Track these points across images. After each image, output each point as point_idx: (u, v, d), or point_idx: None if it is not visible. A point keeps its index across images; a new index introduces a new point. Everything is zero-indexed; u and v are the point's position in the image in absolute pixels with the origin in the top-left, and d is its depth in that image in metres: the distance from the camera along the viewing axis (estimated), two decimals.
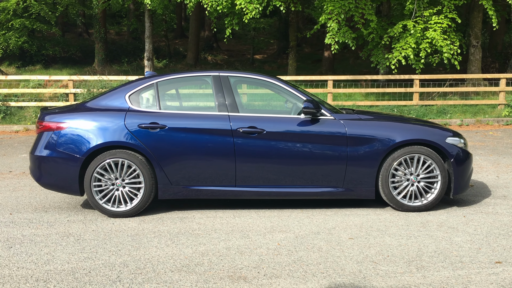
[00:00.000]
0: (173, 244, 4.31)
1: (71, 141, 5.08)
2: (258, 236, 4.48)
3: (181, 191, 5.17)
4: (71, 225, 4.90)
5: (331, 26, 13.18)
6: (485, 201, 5.56)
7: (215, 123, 5.12)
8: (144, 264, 3.86)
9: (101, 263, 3.89)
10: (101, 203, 5.10)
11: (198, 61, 22.71)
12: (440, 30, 13.24)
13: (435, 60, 13.92)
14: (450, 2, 13.74)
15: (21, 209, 5.51)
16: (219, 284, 3.48)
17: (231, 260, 3.91)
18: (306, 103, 5.06)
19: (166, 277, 3.60)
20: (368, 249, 4.10)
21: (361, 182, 5.13)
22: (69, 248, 4.23)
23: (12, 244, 4.34)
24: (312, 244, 4.25)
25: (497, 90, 14.15)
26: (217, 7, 14.16)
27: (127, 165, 5.07)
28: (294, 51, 16.91)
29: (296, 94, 5.33)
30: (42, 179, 5.25)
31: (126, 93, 5.31)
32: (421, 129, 5.22)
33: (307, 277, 3.57)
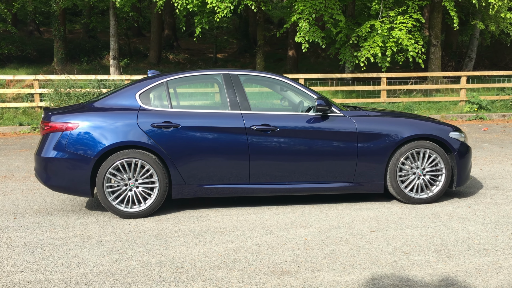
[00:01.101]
0: (201, 242, 4.31)
1: (83, 142, 4.97)
2: (282, 232, 4.55)
3: (196, 190, 5.16)
4: (85, 227, 4.79)
5: (302, 25, 13.40)
6: (481, 192, 5.87)
7: (228, 121, 5.15)
8: (180, 263, 3.85)
9: (136, 264, 3.84)
10: (114, 204, 5.01)
11: (161, 60, 22.44)
12: (405, 30, 13.74)
13: (400, 59, 14.44)
14: (415, 3, 14.29)
15: (24, 213, 5.32)
16: (264, 279, 3.52)
17: (266, 256, 3.96)
18: (319, 100, 5.18)
19: (209, 275, 3.61)
20: (393, 241, 4.25)
21: (371, 176, 5.30)
22: (95, 250, 4.15)
23: (33, 249, 4.21)
24: (338, 237, 4.37)
25: (458, 87, 14.83)
26: (187, 6, 14.08)
27: (140, 165, 5.00)
28: (262, 50, 17.04)
29: (306, 92, 5.43)
30: (50, 181, 5.10)
31: (136, 92, 5.23)
32: (426, 124, 5.45)
33: (347, 269, 3.67)
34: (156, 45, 21.91)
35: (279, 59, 24.11)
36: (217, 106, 5.59)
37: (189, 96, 5.83)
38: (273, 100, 8.47)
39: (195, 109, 5.30)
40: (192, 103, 5.92)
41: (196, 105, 5.89)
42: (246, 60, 23.93)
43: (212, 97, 10.31)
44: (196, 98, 11.19)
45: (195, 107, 5.59)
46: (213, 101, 5.59)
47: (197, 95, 11.36)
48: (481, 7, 15.12)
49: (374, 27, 13.88)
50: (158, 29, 21.76)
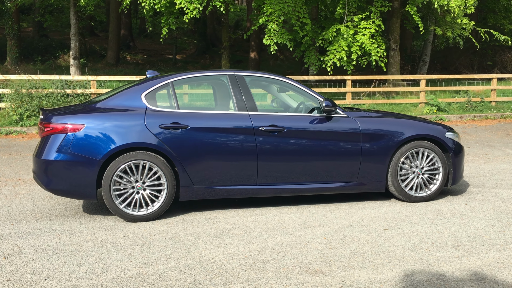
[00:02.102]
0: (221, 244, 4.27)
1: (89, 143, 4.80)
2: (299, 232, 4.58)
3: (204, 191, 5.10)
4: (94, 232, 4.63)
5: (271, 27, 13.50)
6: (470, 190, 6.14)
7: (236, 122, 5.12)
8: (210, 265, 3.80)
9: (164, 268, 3.76)
10: (122, 207, 4.87)
11: (119, 61, 21.93)
12: (368, 34, 14.15)
13: (364, 62, 14.84)
14: (377, 9, 14.73)
15: (19, 219, 5.08)
16: (301, 279, 3.54)
17: (293, 256, 3.98)
18: (326, 101, 5.26)
19: (244, 276, 3.59)
20: (410, 238, 4.38)
21: (373, 176, 5.44)
22: (114, 255, 4.02)
23: (47, 255, 4.02)
24: (356, 236, 4.45)
25: (418, 90, 15.41)
26: (154, 6, 13.85)
27: (148, 167, 4.89)
28: (227, 52, 17.02)
29: (310, 93, 5.50)
30: (52, 184, 4.89)
31: (142, 92, 5.11)
32: (424, 125, 5.65)
33: (377, 267, 3.75)
34: (114, 45, 21.42)
35: (238, 61, 24.16)
36: (223, 106, 5.53)
37: (195, 97, 5.74)
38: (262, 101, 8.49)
39: (201, 110, 5.25)
40: (199, 104, 5.83)
41: (202, 106, 5.81)
42: (206, 62, 23.81)
43: (217, 97, 10.12)
44: (202, 99, 10.94)
45: (201, 107, 5.53)
46: (218, 102, 5.52)
47: (202, 96, 11.10)
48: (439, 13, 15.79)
49: (340, 32, 14.19)
50: (116, 29, 21.27)
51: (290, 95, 6.15)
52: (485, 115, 14.64)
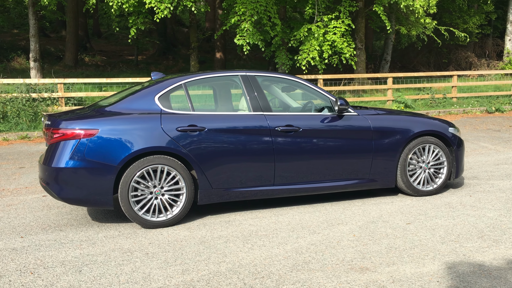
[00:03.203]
0: (255, 246, 4.22)
1: (104, 149, 4.62)
2: (326, 231, 4.60)
3: (222, 194, 5.03)
4: (116, 240, 4.47)
5: (245, 27, 13.49)
6: (467, 183, 6.37)
7: (253, 123, 5.08)
8: (253, 268, 3.75)
9: (208, 273, 3.68)
10: (141, 214, 4.73)
11: (78, 63, 21.24)
12: (339, 33, 14.41)
13: (334, 61, 15.09)
14: (346, 9, 15.01)
15: (26, 231, 4.83)
16: (351, 277, 3.56)
17: (332, 254, 3.99)
18: (341, 100, 5.30)
19: (293, 277, 3.57)
20: (434, 231, 4.49)
21: (384, 172, 5.54)
22: (149, 263, 3.89)
23: (77, 267, 3.85)
24: (383, 232, 4.52)
25: (386, 87, 15.82)
26: (122, 5, 13.52)
27: (166, 171, 4.77)
28: (196, 52, 16.85)
29: (321, 92, 5.53)
30: (64, 193, 4.67)
31: (155, 94, 4.98)
32: (430, 121, 5.80)
33: (418, 260, 3.83)
34: (72, 47, 20.74)
35: (201, 61, 23.94)
36: (237, 107, 5.47)
37: (209, 98, 5.63)
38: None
39: (216, 111, 5.17)
40: (212, 105, 5.73)
41: (217, 107, 5.72)
42: (170, 63, 23.47)
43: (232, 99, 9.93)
44: (211, 100, 10.55)
45: (215, 109, 5.44)
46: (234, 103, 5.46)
47: (209, 97, 10.68)
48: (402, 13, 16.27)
49: (311, 31, 14.36)
50: (74, 30, 20.59)
51: (290, 95, 6.17)
52: (449, 110, 15.21)
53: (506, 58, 21.23)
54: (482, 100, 16.69)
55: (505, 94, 17.07)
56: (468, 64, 21.65)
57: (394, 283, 3.44)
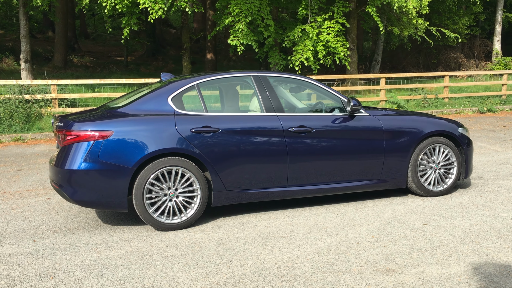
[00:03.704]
0: (275, 248, 4.18)
1: (119, 151, 4.54)
2: (343, 232, 4.58)
3: (236, 196, 4.98)
4: (132, 243, 4.39)
5: (239, 28, 13.44)
6: (474, 183, 6.40)
7: (266, 123, 5.04)
8: (278, 270, 3.71)
9: (233, 276, 3.63)
10: (155, 216, 4.65)
11: (67, 64, 20.98)
12: (333, 33, 14.44)
13: (328, 62, 15.12)
14: (339, 9, 15.05)
15: (38, 234, 4.73)
16: (378, 278, 3.54)
17: (355, 256, 3.97)
18: (354, 100, 5.29)
19: (321, 280, 3.53)
20: (453, 232, 4.50)
21: (395, 172, 5.53)
22: (171, 267, 3.83)
23: (98, 271, 3.77)
24: (402, 233, 4.51)
25: (378, 88, 15.89)
26: (115, 6, 13.38)
27: (181, 173, 4.71)
28: (188, 53, 16.75)
29: (332, 92, 5.52)
30: (78, 195, 4.58)
31: (168, 95, 4.91)
32: (440, 122, 5.81)
33: (442, 261, 3.82)
34: (61, 48, 20.46)
35: (192, 62, 23.79)
36: (249, 108, 5.42)
37: (222, 99, 5.57)
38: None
39: (229, 112, 5.12)
40: (225, 106, 5.67)
41: (229, 108, 5.66)
42: (159, 64, 23.29)
43: (243, 99, 9.94)
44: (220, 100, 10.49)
45: (228, 109, 5.39)
46: (242, 103, 5.40)
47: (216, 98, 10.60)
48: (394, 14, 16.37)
49: (305, 31, 14.37)
50: (63, 30, 20.32)
51: (297, 95, 6.14)
52: (441, 111, 15.33)
53: (494, 58, 21.50)
54: (473, 100, 16.86)
55: (496, 94, 17.28)
56: (457, 64, 21.88)
57: (423, 285, 3.42)
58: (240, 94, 6.07)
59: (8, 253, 4.23)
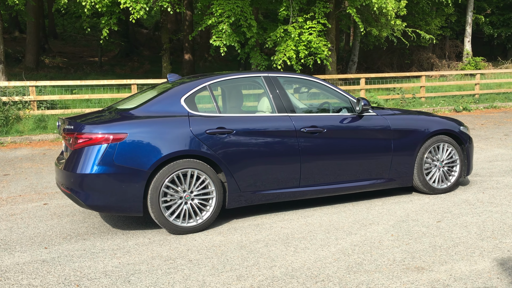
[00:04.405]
0: (298, 249, 4.16)
1: (134, 153, 4.44)
2: (361, 231, 4.60)
3: (250, 197, 4.93)
4: (151, 248, 4.29)
5: (223, 28, 13.36)
6: (472, 180, 6.54)
7: (279, 124, 5.02)
8: (308, 271, 3.69)
9: (265, 278, 3.59)
10: (171, 220, 4.56)
11: (39, 64, 20.42)
12: (315, 33, 14.54)
13: (310, 62, 15.20)
14: (320, 10, 15.17)
15: (47, 241, 4.58)
16: (411, 277, 3.56)
17: (381, 254, 3.98)
18: (364, 100, 5.33)
19: (354, 280, 3.53)
20: (468, 228, 4.58)
21: (402, 171, 5.60)
22: (199, 271, 3.76)
23: (124, 277, 3.66)
24: (419, 231, 4.56)
25: (359, 88, 16.09)
26: (95, 5, 13.10)
27: (196, 175, 4.63)
28: (168, 54, 16.56)
29: (340, 92, 5.54)
30: (91, 200, 4.45)
31: (181, 97, 4.83)
32: (444, 120, 5.91)
33: (467, 258, 3.88)
34: (33, 48, 19.92)
35: None
36: (258, 109, 5.38)
37: (233, 100, 5.50)
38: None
39: (241, 113, 5.07)
40: (237, 107, 5.60)
41: (241, 108, 5.60)
42: (134, 64, 22.95)
43: (250, 99, 9.84)
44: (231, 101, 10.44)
45: (240, 110, 5.33)
46: (252, 103, 5.34)
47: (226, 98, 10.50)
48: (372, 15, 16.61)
49: (288, 32, 14.41)
50: (35, 31, 19.78)
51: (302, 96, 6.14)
52: (420, 110, 15.65)
53: (465, 59, 22.09)
54: (448, 99, 17.28)
55: (469, 93, 17.75)
56: (430, 65, 22.37)
57: (456, 281, 3.46)
58: (243, 94, 6.02)
59: (22, 262, 4.07)
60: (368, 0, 14.46)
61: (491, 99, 17.48)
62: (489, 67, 22.04)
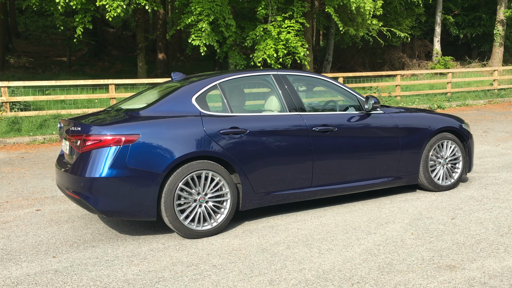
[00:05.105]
0: (322, 250, 4.06)
1: (147, 155, 4.24)
2: (380, 230, 4.54)
3: (263, 198, 4.81)
4: (169, 253, 4.11)
5: (202, 27, 13.16)
6: (470, 177, 6.60)
7: (292, 123, 4.92)
8: (341, 273, 3.59)
9: (297, 282, 3.47)
10: (186, 223, 4.39)
11: (5, 64, 19.64)
12: (294, 32, 14.52)
13: (289, 62, 15.18)
14: (299, 9, 15.16)
15: (54, 249, 4.33)
16: (446, 275, 3.51)
17: (408, 254, 3.93)
18: (374, 98, 5.28)
19: (389, 280, 3.46)
20: (484, 225, 4.59)
21: (409, 169, 5.59)
22: (226, 276, 3.61)
23: (150, 286, 3.48)
24: (437, 228, 4.53)
25: None
26: (70, 3, 12.66)
27: (211, 177, 4.47)
28: (143, 53, 16.19)
29: (348, 91, 5.49)
30: (102, 205, 4.22)
31: (192, 96, 4.66)
32: (447, 118, 5.94)
33: (494, 255, 3.87)
34: None
35: None
36: (266, 107, 5.25)
37: (243, 99, 5.34)
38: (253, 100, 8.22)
39: (253, 112, 4.94)
40: (246, 106, 5.45)
41: (252, 107, 5.45)
42: (105, 64, 22.37)
43: (257, 98, 9.63)
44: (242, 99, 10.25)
45: (251, 109, 5.19)
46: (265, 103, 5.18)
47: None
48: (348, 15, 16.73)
49: (267, 30, 14.33)
50: (1, 30, 18.97)
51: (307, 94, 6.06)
52: (418, 108, 15.87)
53: (435, 58, 22.56)
54: (422, 98, 17.58)
55: (442, 92, 18.12)
56: (401, 64, 22.75)
57: (492, 279, 3.44)
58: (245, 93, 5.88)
59: (33, 272, 3.82)
60: (346, 0, 14.54)
61: (462, 97, 17.89)
62: (458, 66, 22.60)
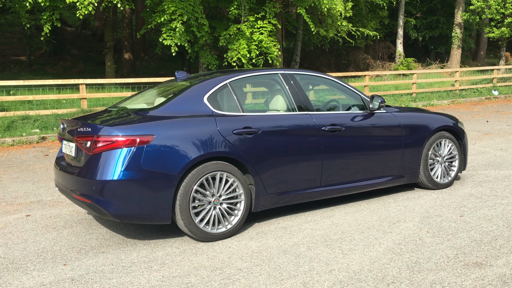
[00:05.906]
0: (345, 251, 4.02)
1: (163, 156, 4.07)
2: (395, 229, 4.54)
3: (275, 199, 4.72)
4: (187, 258, 3.96)
5: (176, 26, 12.92)
6: (465, 175, 6.73)
7: (302, 122, 4.86)
8: (371, 273, 3.55)
9: (332, 284, 3.41)
10: (202, 226, 4.25)
11: None
12: (266, 33, 14.50)
13: (260, 62, 15.14)
14: (271, 10, 15.15)
15: (62, 256, 4.11)
16: (477, 273, 3.53)
17: (432, 252, 3.93)
18: (379, 98, 5.29)
19: (423, 279, 3.44)
20: (494, 222, 4.66)
21: (410, 168, 5.64)
22: (256, 279, 3.50)
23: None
24: (450, 226, 4.58)
25: None
26: None
27: (225, 178, 4.35)
28: (112, 52, 15.75)
29: (353, 90, 5.48)
30: (116, 209, 4.02)
31: (203, 95, 4.51)
32: (444, 117, 6.03)
33: None
34: None
35: (101, 62, 22.46)
36: (271, 107, 5.15)
37: (250, 98, 5.22)
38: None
39: (263, 112, 4.84)
40: (256, 105, 5.33)
41: (261, 107, 5.32)
42: (67, 64, 21.64)
43: (269, 97, 9.41)
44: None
45: (261, 109, 5.07)
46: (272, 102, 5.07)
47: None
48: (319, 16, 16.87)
49: (241, 30, 14.24)
50: None
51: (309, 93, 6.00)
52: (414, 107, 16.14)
53: (398, 59, 23.11)
54: (388, 98, 17.94)
55: (408, 92, 18.56)
56: (366, 65, 23.17)
57: None
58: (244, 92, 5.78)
59: (47, 281, 3.58)
60: (317, 1, 14.65)
61: (427, 98, 18.38)
62: (419, 68, 23.22)
